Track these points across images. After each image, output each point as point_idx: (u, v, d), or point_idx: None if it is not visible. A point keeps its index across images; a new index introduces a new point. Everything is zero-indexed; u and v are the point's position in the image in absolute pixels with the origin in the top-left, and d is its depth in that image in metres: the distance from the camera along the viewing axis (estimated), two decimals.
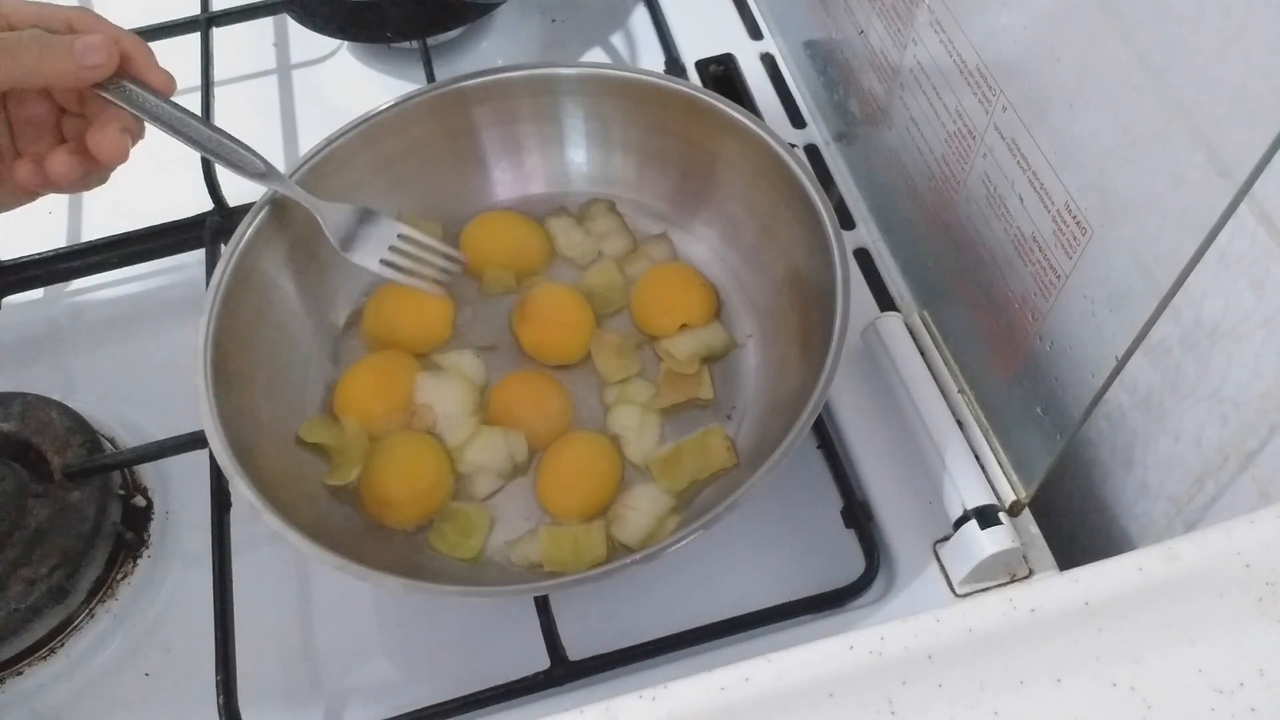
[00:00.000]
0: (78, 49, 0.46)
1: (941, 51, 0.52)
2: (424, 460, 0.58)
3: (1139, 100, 0.39)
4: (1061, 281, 0.47)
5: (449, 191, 0.67)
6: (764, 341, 0.62)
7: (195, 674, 0.54)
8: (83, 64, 0.46)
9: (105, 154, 0.49)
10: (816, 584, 0.55)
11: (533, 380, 0.61)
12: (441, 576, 0.54)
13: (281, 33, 0.84)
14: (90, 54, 0.46)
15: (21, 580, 0.55)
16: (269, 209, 0.58)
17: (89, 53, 0.46)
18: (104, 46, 0.47)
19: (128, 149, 0.49)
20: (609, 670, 0.53)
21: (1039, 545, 0.55)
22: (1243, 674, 0.31)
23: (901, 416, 0.58)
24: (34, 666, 0.56)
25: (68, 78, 0.47)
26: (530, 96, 0.65)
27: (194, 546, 0.59)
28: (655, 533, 0.55)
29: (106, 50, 0.47)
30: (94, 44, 0.46)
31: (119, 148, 0.49)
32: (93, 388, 0.66)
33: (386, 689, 0.54)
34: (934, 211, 0.58)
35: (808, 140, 0.74)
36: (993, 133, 0.49)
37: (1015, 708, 0.31)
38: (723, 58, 0.78)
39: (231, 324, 0.55)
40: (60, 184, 0.49)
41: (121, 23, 0.79)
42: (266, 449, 0.55)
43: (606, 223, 0.66)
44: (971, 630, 0.33)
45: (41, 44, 0.45)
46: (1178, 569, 0.33)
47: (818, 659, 0.33)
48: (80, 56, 0.46)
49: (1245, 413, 0.43)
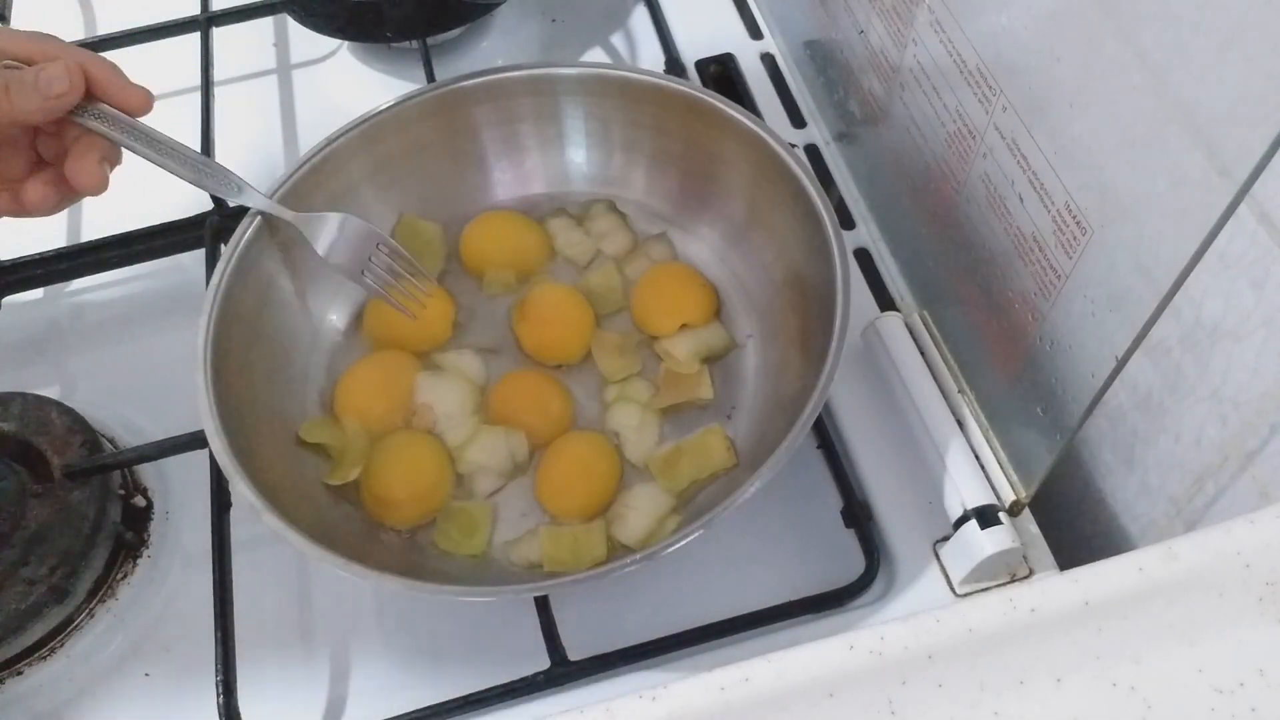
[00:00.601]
0: (41, 82, 0.46)
1: (941, 51, 0.52)
2: (424, 460, 0.58)
3: (1139, 100, 0.39)
4: (1061, 281, 0.47)
5: (449, 191, 0.66)
6: (764, 341, 0.62)
7: (195, 674, 0.54)
8: (48, 95, 0.46)
9: (84, 184, 0.48)
10: (816, 584, 0.55)
11: (533, 379, 0.61)
12: (441, 576, 0.55)
13: (281, 33, 0.84)
14: (53, 84, 0.46)
15: (21, 580, 0.55)
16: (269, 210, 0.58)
17: (52, 83, 0.46)
18: (64, 74, 0.46)
19: (107, 178, 0.49)
20: (609, 670, 0.53)
21: (1039, 545, 0.55)
22: (1243, 674, 0.31)
23: (901, 416, 0.58)
24: (34, 666, 0.56)
25: (36, 113, 0.46)
26: (530, 96, 0.65)
27: (194, 546, 0.59)
28: (655, 533, 0.55)
29: (69, 77, 0.46)
30: (55, 74, 0.46)
31: (98, 177, 0.48)
32: (93, 388, 0.66)
33: (386, 689, 0.54)
34: (934, 211, 0.58)
35: (808, 140, 0.74)
36: (993, 133, 0.49)
37: (1015, 708, 0.32)
38: (723, 58, 0.78)
39: (231, 324, 0.55)
40: (36, 212, 0.48)
41: (122, 23, 0.80)
42: (266, 449, 0.55)
43: (607, 222, 0.66)
44: (971, 630, 0.33)
45: (8, 84, 0.45)
46: (1178, 569, 0.33)
47: (818, 659, 0.33)
48: (44, 88, 0.46)
49: (1245, 413, 0.43)
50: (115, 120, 0.49)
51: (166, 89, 0.81)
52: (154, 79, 0.80)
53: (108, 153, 0.49)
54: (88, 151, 0.48)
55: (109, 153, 0.49)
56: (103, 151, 0.48)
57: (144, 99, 0.50)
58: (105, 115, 0.49)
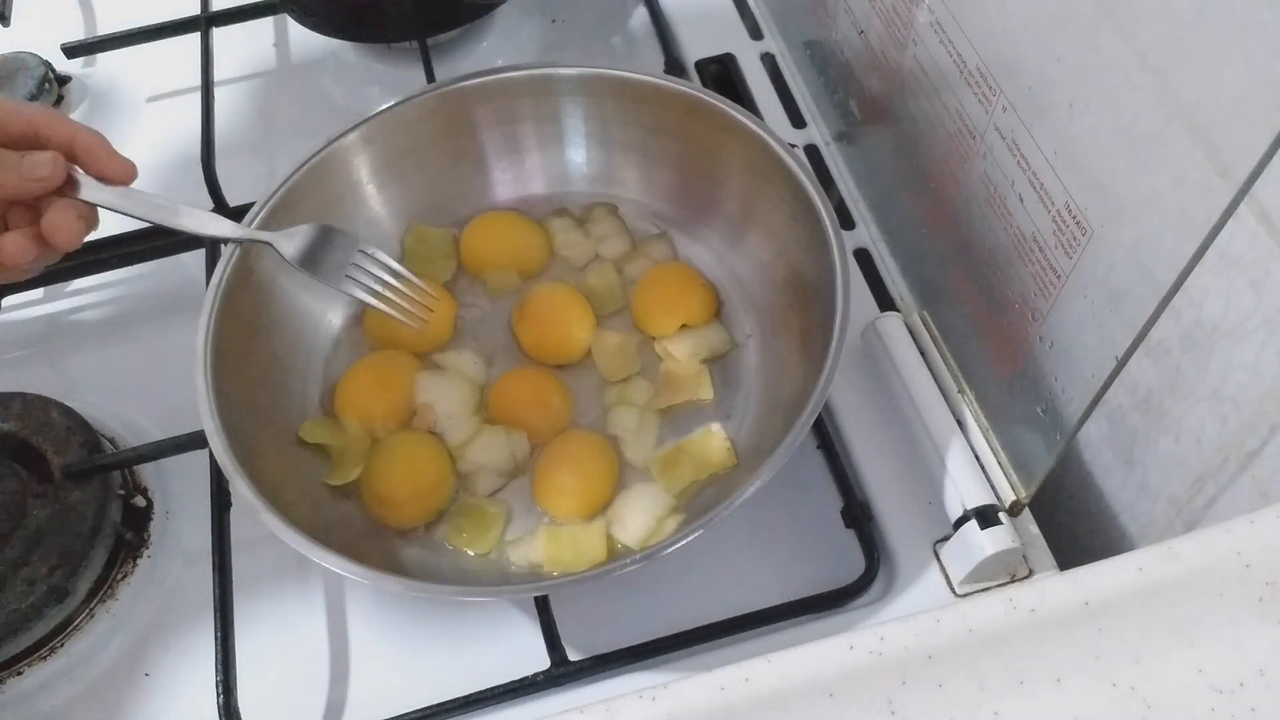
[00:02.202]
0: (25, 165, 0.48)
1: (941, 51, 0.52)
2: (425, 460, 0.58)
3: (1139, 100, 0.39)
4: (1061, 281, 0.47)
5: (449, 191, 0.66)
6: (764, 341, 0.62)
7: (195, 674, 0.54)
8: (28, 177, 0.48)
9: (60, 239, 0.49)
10: (816, 584, 0.55)
11: (533, 376, 0.61)
12: (441, 576, 0.55)
13: (281, 33, 0.84)
14: (37, 169, 0.48)
15: (21, 580, 0.55)
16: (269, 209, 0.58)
17: (36, 168, 0.48)
18: (49, 162, 0.48)
19: (83, 234, 0.50)
20: (609, 670, 0.53)
21: (1039, 545, 0.55)
22: (1243, 674, 0.31)
23: (901, 416, 0.58)
24: (34, 666, 0.56)
25: (14, 191, 0.48)
26: (530, 96, 0.65)
27: (194, 546, 0.59)
28: (655, 533, 0.55)
29: (52, 166, 0.48)
30: (41, 161, 0.48)
31: (75, 232, 0.49)
32: (93, 388, 0.66)
33: (386, 689, 0.54)
34: (934, 211, 0.58)
35: (808, 140, 0.74)
36: (993, 133, 0.49)
37: (1015, 708, 0.32)
38: (723, 58, 0.78)
39: (231, 324, 0.55)
40: (13, 267, 0.49)
41: (122, 23, 0.80)
42: (266, 449, 0.55)
43: (607, 226, 0.66)
44: (971, 630, 0.33)
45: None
46: (1178, 569, 0.33)
47: (818, 659, 0.33)
48: (27, 171, 0.48)
49: (1245, 413, 0.43)
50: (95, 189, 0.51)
51: (166, 89, 0.81)
52: (154, 79, 0.81)
53: (84, 211, 0.50)
54: (66, 207, 0.49)
55: (85, 212, 0.50)
56: (79, 209, 0.50)
57: (127, 170, 0.52)
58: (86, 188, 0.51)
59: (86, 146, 0.50)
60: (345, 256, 0.57)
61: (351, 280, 0.57)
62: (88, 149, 0.50)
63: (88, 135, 0.51)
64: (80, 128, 0.51)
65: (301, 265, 0.56)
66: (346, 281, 0.57)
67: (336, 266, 0.57)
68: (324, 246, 0.57)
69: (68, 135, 0.50)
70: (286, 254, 0.56)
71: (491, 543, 0.56)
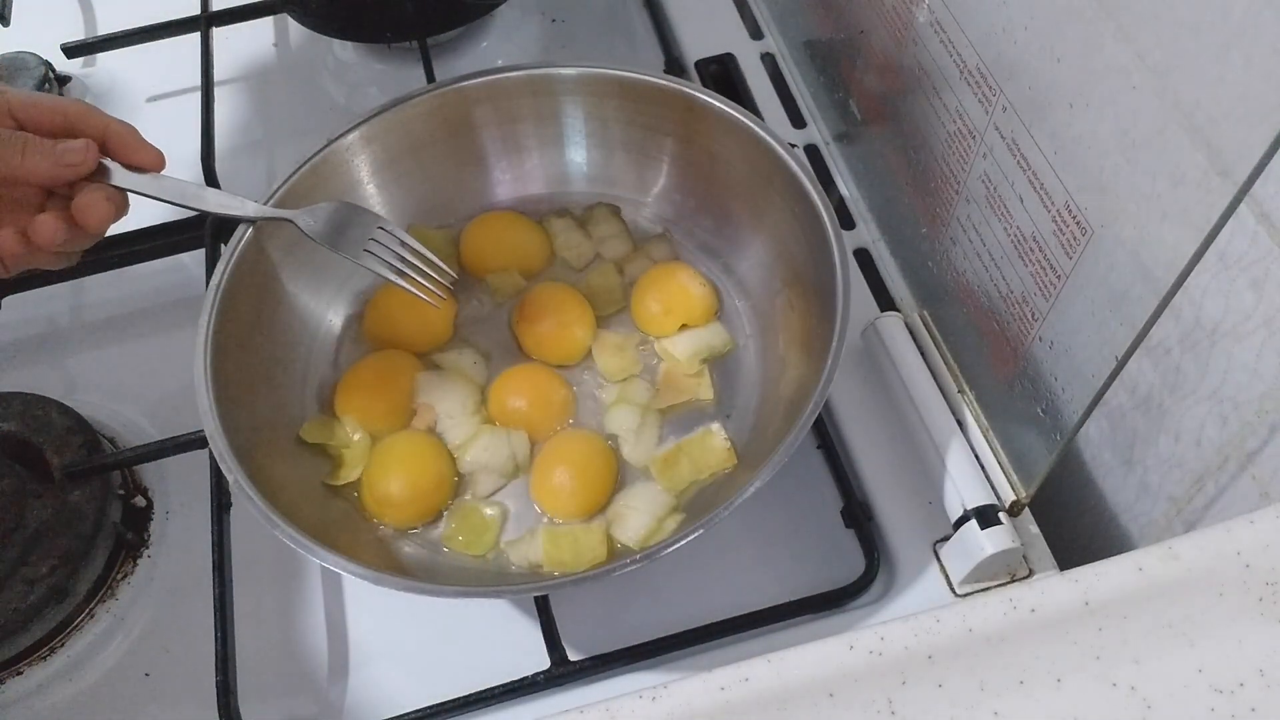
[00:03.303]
0: (58, 151, 0.50)
1: (941, 51, 0.52)
2: (425, 459, 0.58)
3: (1139, 100, 0.39)
4: (1061, 281, 0.47)
5: (449, 191, 0.67)
6: (764, 341, 0.62)
7: (195, 674, 0.54)
8: (61, 163, 0.50)
9: (92, 220, 0.50)
10: (816, 584, 0.55)
11: (532, 372, 0.61)
12: (441, 576, 0.55)
13: (281, 33, 0.84)
14: (69, 155, 0.50)
15: (21, 580, 0.55)
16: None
17: (68, 154, 0.50)
18: (82, 149, 0.50)
19: (113, 216, 0.51)
20: (609, 670, 0.53)
21: (1039, 545, 0.55)
22: (1243, 674, 0.31)
23: (901, 416, 0.58)
24: (34, 666, 0.56)
25: (47, 176, 0.50)
26: (530, 96, 0.65)
27: (194, 546, 0.59)
28: (655, 533, 0.55)
29: (85, 152, 0.50)
30: (74, 147, 0.50)
31: (105, 214, 0.50)
32: (93, 388, 0.66)
33: (386, 689, 0.54)
34: (934, 211, 0.58)
35: (808, 140, 0.74)
36: (993, 133, 0.49)
37: (1015, 708, 0.31)
38: (723, 58, 0.78)
39: (231, 324, 0.55)
40: (45, 247, 0.50)
41: (122, 23, 0.80)
42: (266, 449, 0.55)
43: (608, 227, 0.66)
44: (971, 630, 0.33)
45: (26, 144, 0.49)
46: (1178, 569, 0.33)
47: (818, 659, 0.33)
48: (60, 157, 0.50)
49: (1245, 413, 0.43)
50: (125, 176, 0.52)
51: (166, 89, 0.81)
52: (154, 79, 0.81)
53: (113, 195, 0.51)
54: (95, 190, 0.51)
55: (115, 195, 0.51)
56: (108, 193, 0.51)
57: (157, 158, 0.53)
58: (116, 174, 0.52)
59: (119, 136, 0.52)
60: (365, 233, 0.58)
61: (371, 255, 0.57)
62: (120, 138, 0.52)
63: (120, 126, 0.53)
64: (112, 120, 0.53)
65: (323, 240, 0.57)
66: (366, 256, 0.57)
67: (355, 242, 0.57)
68: (345, 223, 0.58)
69: (101, 126, 0.52)
70: (308, 229, 0.57)
71: (487, 546, 0.56)
